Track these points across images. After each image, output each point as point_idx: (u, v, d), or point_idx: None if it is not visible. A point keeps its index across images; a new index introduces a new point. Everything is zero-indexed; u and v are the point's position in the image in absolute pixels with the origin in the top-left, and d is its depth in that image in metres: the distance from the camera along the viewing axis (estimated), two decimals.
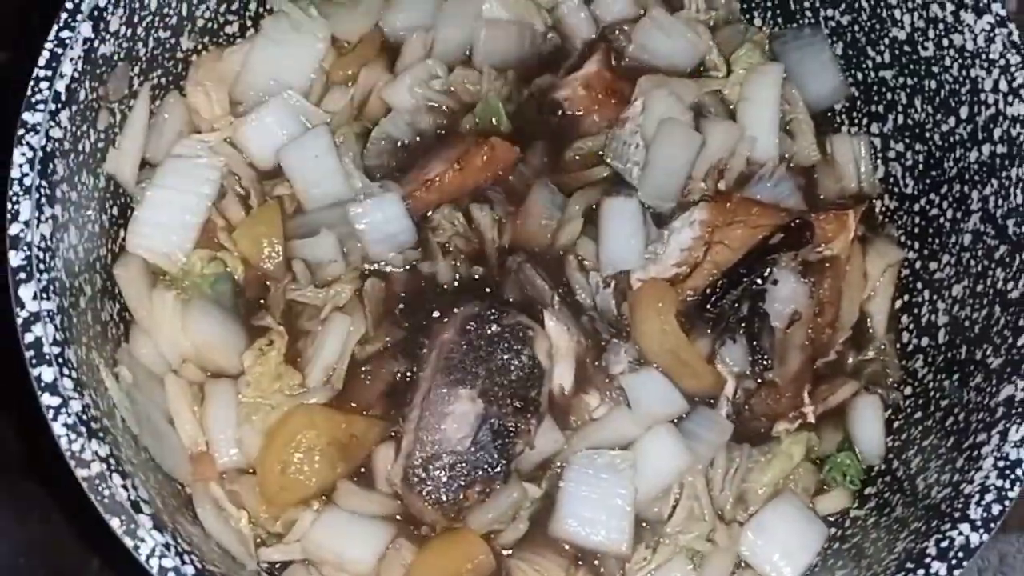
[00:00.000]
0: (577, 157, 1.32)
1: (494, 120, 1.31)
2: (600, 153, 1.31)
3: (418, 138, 1.31)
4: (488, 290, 1.24)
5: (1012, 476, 1.00)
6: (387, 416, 1.19)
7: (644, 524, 1.19)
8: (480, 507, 1.15)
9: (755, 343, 1.23)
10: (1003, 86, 1.13)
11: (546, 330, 1.21)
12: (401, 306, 1.23)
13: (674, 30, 1.36)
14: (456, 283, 1.24)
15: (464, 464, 1.14)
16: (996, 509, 0.99)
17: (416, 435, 1.15)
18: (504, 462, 1.15)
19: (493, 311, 1.19)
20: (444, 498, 1.14)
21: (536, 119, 1.34)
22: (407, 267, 1.25)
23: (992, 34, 1.14)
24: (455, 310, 1.20)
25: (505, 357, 1.17)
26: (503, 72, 1.34)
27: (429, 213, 1.27)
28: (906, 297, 1.30)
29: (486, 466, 1.15)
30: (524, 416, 1.16)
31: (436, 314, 1.22)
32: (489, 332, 1.17)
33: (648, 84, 1.32)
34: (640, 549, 1.17)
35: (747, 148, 1.32)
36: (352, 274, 1.24)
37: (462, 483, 1.14)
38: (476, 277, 1.25)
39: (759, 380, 1.23)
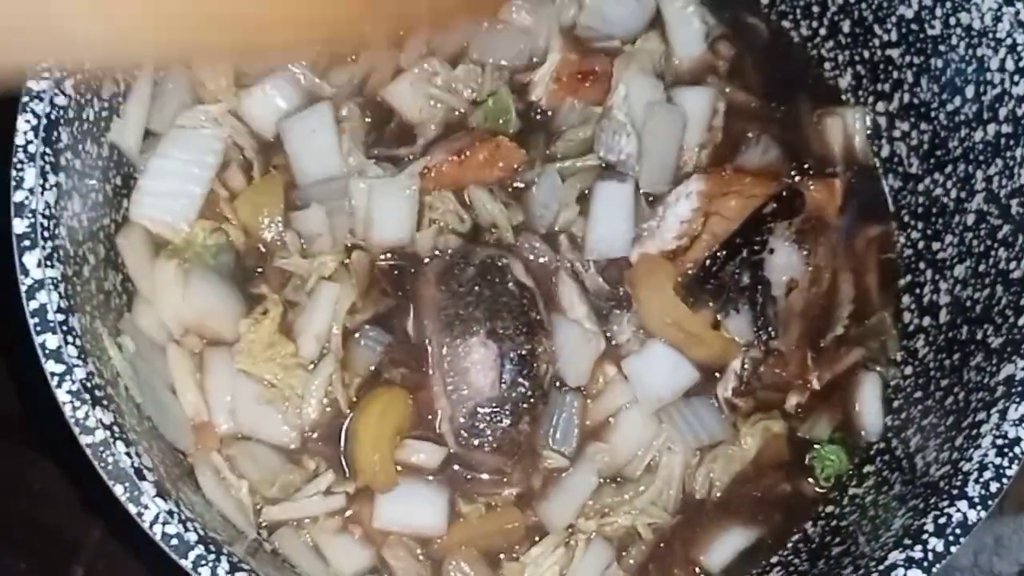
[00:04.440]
0: (571, 142, 1.32)
1: (503, 119, 1.31)
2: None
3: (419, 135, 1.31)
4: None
5: (1010, 454, 1.01)
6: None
7: (618, 479, 1.22)
8: (536, 432, 1.20)
9: (759, 312, 1.23)
10: (1009, 65, 1.13)
11: (559, 288, 1.25)
12: (386, 277, 1.24)
13: None
14: (435, 253, 1.25)
15: (504, 404, 1.17)
16: (994, 487, 1.00)
17: (449, 398, 1.18)
18: (537, 386, 1.18)
19: (459, 257, 1.21)
20: (499, 443, 1.17)
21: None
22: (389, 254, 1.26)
23: (999, 13, 1.14)
24: (429, 273, 1.22)
25: (493, 292, 1.19)
26: (502, 70, 1.34)
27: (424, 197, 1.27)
28: (908, 277, 1.30)
29: (523, 397, 1.17)
30: (535, 337, 1.19)
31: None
32: (467, 276, 1.19)
33: (621, 66, 1.31)
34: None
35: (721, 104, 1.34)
36: (337, 247, 1.24)
37: (510, 422, 1.17)
38: (450, 251, 1.25)
39: (765, 349, 1.24)
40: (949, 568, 1.55)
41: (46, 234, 0.99)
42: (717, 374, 1.25)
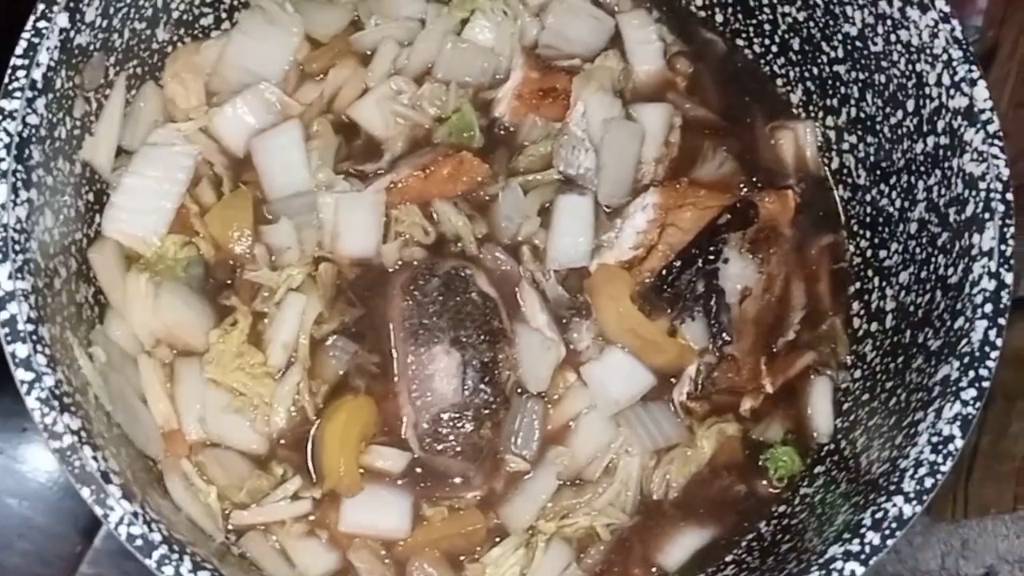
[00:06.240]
0: (532, 157, 1.36)
1: (467, 134, 1.35)
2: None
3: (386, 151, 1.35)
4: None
5: (944, 451, 1.05)
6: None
7: (577, 482, 1.25)
8: (498, 437, 1.23)
9: (713, 319, 1.27)
10: (946, 80, 1.18)
11: (521, 297, 1.29)
12: (352, 288, 1.28)
13: (582, 11, 1.41)
14: (399, 265, 1.30)
15: (466, 410, 1.21)
16: (929, 482, 1.04)
17: (413, 405, 1.22)
18: (499, 393, 1.22)
19: (424, 268, 1.26)
20: (462, 448, 1.21)
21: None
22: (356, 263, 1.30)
23: (936, 30, 1.18)
24: (395, 283, 1.26)
25: (457, 302, 1.23)
26: (466, 88, 1.38)
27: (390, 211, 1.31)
28: (857, 284, 1.35)
29: (485, 403, 1.21)
30: (496, 345, 1.23)
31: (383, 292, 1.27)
32: (431, 287, 1.24)
33: (580, 84, 1.35)
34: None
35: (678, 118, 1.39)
36: (305, 259, 1.28)
37: (472, 427, 1.21)
38: (415, 263, 1.29)
39: (719, 355, 1.28)
40: (917, 571, 1.60)
41: (17, 248, 1.03)
42: (673, 379, 1.29)
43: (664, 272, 1.29)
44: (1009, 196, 1.13)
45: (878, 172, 1.31)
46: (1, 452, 1.49)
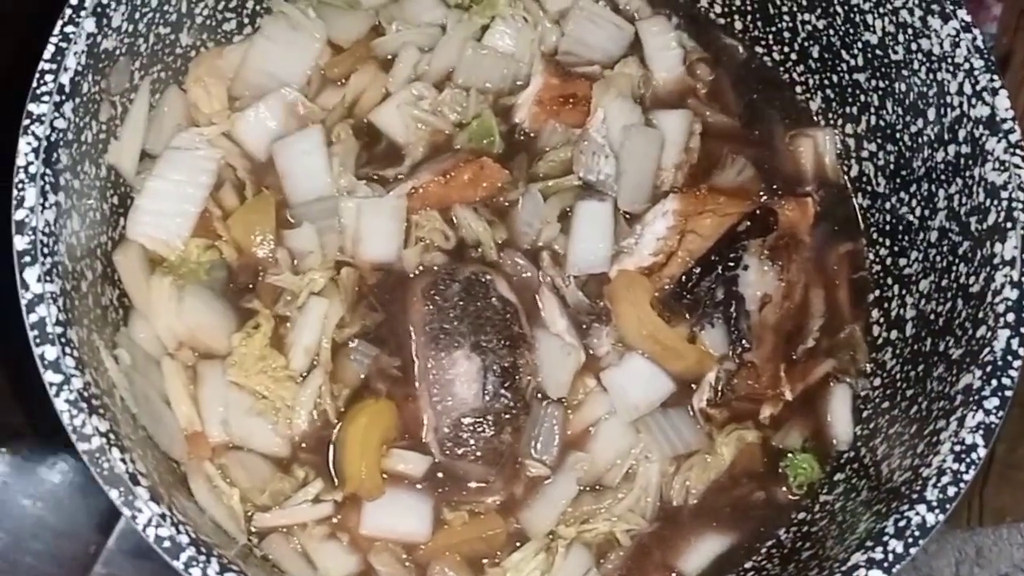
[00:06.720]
0: (553, 162, 1.37)
1: (487, 140, 1.35)
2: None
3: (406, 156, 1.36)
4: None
5: (967, 460, 1.05)
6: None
7: (597, 487, 1.26)
8: (519, 442, 1.23)
9: (733, 326, 1.28)
10: (967, 89, 1.18)
11: (541, 302, 1.30)
12: (374, 292, 1.29)
13: (601, 17, 1.42)
14: (420, 270, 1.30)
15: (487, 415, 1.21)
16: (952, 491, 1.04)
17: (434, 409, 1.22)
18: (519, 398, 1.22)
19: (445, 273, 1.26)
20: (482, 453, 1.21)
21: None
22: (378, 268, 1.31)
23: (957, 39, 1.19)
24: (416, 288, 1.27)
25: (477, 307, 1.24)
26: (486, 94, 1.39)
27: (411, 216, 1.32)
28: (877, 292, 1.35)
29: (505, 408, 1.22)
30: (517, 350, 1.23)
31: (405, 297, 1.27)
32: (452, 291, 1.24)
33: (600, 90, 1.36)
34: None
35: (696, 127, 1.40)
36: (327, 264, 1.29)
37: (492, 432, 1.21)
38: (436, 268, 1.30)
39: (739, 361, 1.28)
40: None
41: (45, 251, 1.04)
42: (693, 385, 1.30)
43: (684, 278, 1.30)
44: None
45: (898, 180, 1.32)
46: (15, 453, 1.49)
